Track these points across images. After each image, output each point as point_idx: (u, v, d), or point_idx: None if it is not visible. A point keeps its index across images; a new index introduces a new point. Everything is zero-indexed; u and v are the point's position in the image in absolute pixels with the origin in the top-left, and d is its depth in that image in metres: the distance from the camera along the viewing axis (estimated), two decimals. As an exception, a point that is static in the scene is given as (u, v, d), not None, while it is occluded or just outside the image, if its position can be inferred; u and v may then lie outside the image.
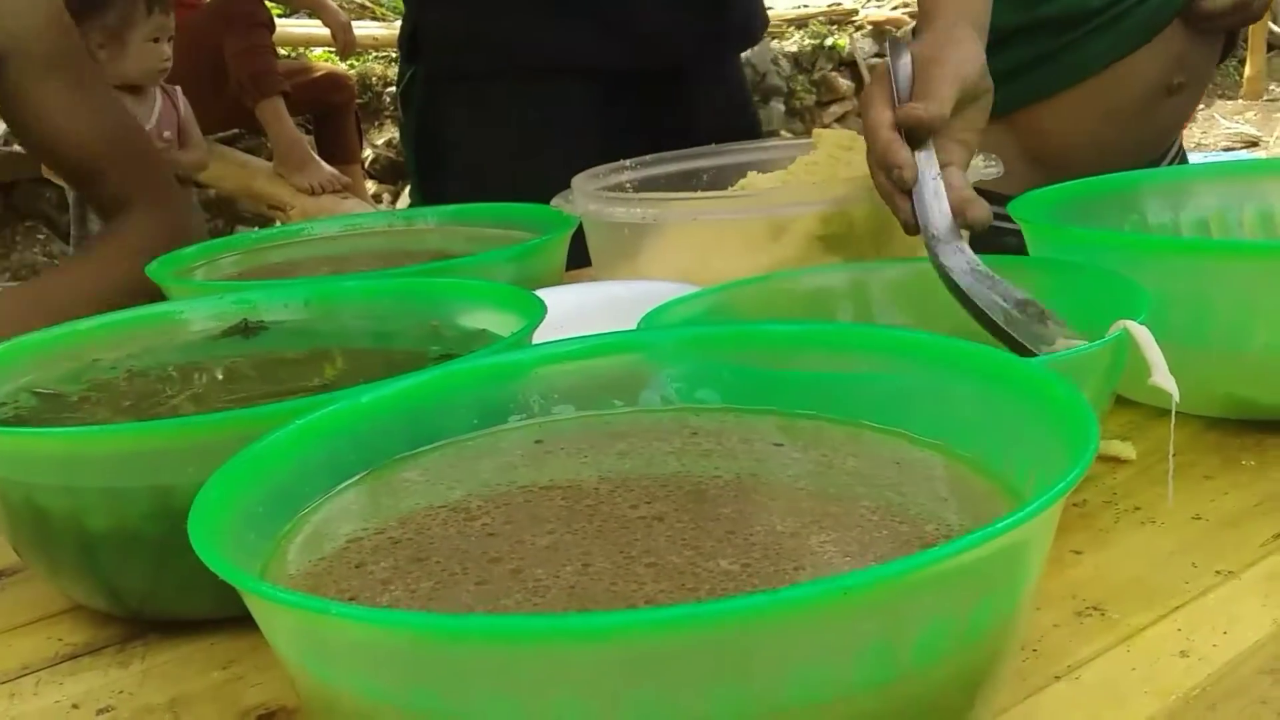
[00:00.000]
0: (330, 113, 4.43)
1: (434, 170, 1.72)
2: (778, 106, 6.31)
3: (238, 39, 3.95)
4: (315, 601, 0.43)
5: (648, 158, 1.22)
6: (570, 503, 0.56)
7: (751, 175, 1.15)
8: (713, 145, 1.25)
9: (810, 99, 6.41)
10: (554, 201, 1.11)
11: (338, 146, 4.42)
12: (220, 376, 0.81)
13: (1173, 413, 0.66)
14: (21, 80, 1.35)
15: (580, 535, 0.52)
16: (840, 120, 6.25)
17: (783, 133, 5.68)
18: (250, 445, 0.54)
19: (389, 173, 5.22)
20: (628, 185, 1.18)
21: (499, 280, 0.87)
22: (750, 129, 1.74)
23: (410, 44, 1.72)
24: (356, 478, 0.59)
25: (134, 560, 0.64)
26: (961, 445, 0.56)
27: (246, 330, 0.88)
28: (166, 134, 3.33)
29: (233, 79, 3.93)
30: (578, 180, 1.14)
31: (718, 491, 0.56)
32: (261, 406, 0.64)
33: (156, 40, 3.34)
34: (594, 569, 0.49)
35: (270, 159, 4.25)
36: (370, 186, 4.93)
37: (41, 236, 4.89)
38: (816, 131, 1.12)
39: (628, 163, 1.21)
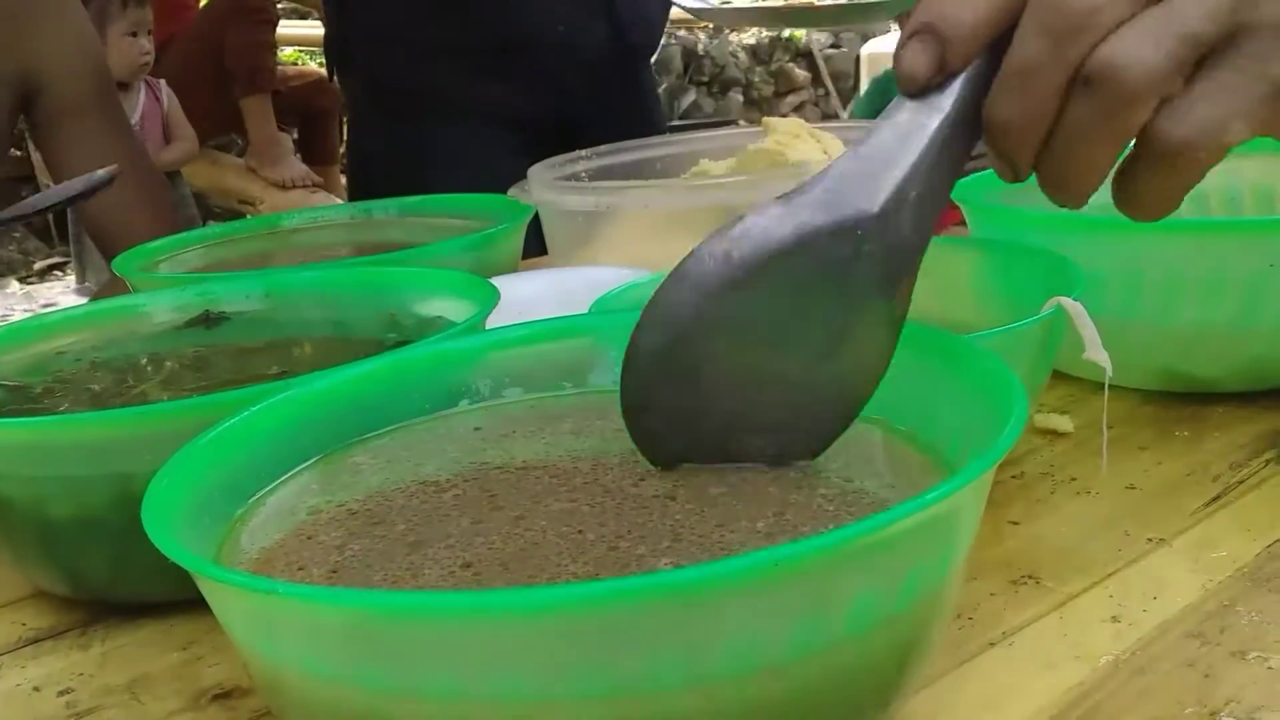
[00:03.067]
0: (315, 117, 4.43)
1: (365, 182, 1.75)
2: (736, 97, 6.33)
3: (242, 32, 3.93)
4: (259, 581, 0.43)
5: (603, 147, 1.23)
6: (561, 479, 0.56)
7: (703, 163, 1.16)
8: (666, 135, 1.26)
9: (768, 90, 6.43)
10: (510, 191, 1.13)
11: (318, 149, 4.43)
12: (183, 366, 0.82)
13: (1105, 386, 0.68)
14: (52, 118, 1.36)
15: (598, 509, 0.52)
16: (797, 110, 6.27)
17: (740, 122, 5.70)
18: (204, 431, 0.54)
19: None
20: (583, 174, 1.20)
21: (456, 269, 0.88)
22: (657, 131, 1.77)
23: (336, 69, 1.75)
24: (311, 461, 0.59)
25: (95, 547, 0.65)
26: (899, 420, 0.57)
27: (208, 321, 0.89)
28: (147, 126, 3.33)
29: (228, 68, 3.92)
30: (534, 170, 1.15)
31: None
32: (216, 394, 0.64)
33: (135, 34, 3.32)
34: (584, 537, 0.49)
35: (240, 155, 4.25)
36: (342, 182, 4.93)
37: (17, 235, 4.88)
38: (766, 120, 1.13)
39: (583, 152, 1.22)
